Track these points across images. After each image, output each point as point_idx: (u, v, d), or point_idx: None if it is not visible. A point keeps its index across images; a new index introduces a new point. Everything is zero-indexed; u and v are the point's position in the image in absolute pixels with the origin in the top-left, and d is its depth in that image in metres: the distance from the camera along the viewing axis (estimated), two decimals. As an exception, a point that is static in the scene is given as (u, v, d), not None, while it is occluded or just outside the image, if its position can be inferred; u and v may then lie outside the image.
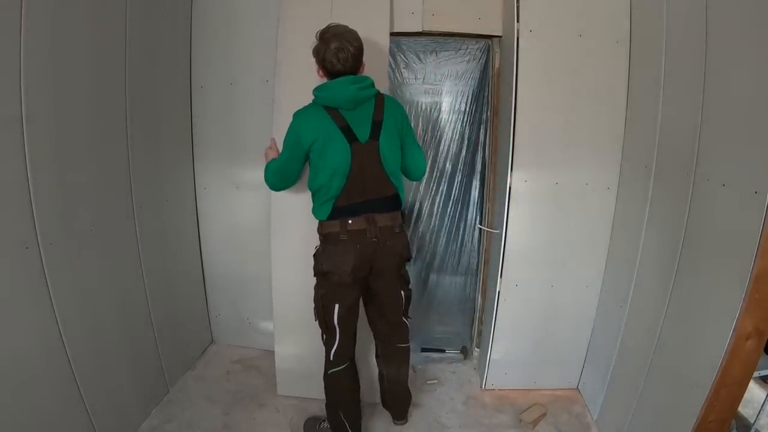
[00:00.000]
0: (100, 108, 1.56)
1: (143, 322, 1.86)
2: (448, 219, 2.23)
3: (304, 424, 1.86)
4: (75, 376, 1.44)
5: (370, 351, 1.91)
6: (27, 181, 1.25)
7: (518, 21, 1.75)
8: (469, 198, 2.21)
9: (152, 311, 1.89)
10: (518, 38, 1.76)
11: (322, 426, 1.81)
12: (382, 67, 1.83)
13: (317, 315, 1.62)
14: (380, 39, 1.80)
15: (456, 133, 2.15)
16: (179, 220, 2.14)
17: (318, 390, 1.73)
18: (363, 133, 1.46)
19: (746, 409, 1.79)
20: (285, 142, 1.52)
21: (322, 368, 1.67)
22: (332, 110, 1.45)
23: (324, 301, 1.57)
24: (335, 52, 1.42)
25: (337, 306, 1.56)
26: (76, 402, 1.47)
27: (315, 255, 1.57)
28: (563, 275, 1.97)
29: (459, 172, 2.19)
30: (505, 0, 1.90)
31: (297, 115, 1.50)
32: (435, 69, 2.10)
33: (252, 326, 2.39)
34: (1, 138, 1.18)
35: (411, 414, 1.93)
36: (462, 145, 2.16)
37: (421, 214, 2.23)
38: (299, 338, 1.94)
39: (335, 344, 1.62)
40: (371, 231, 1.50)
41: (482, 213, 2.22)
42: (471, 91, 2.12)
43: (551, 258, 1.95)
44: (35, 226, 1.28)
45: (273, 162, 1.61)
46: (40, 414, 1.33)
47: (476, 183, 2.20)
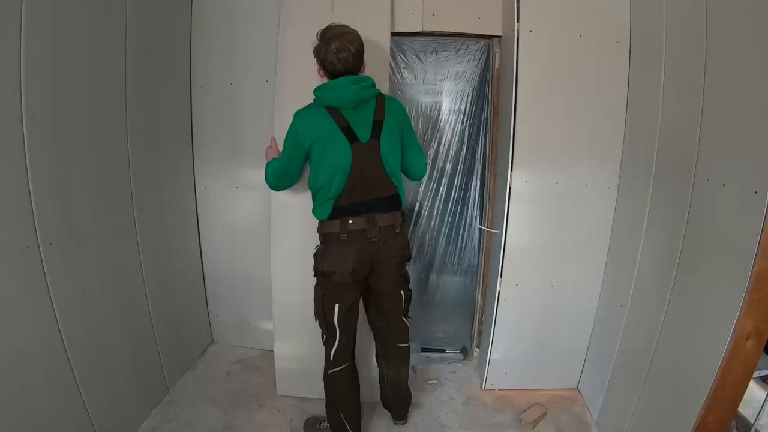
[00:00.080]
0: (100, 108, 1.56)
1: (143, 322, 1.86)
2: (448, 219, 2.23)
3: (304, 425, 1.86)
4: (75, 376, 1.44)
5: (370, 351, 1.91)
6: (27, 181, 1.25)
7: (518, 21, 1.75)
8: (469, 198, 2.21)
9: (152, 311, 1.89)
10: (518, 38, 1.76)
11: (322, 426, 1.81)
12: (383, 67, 1.82)
13: (317, 315, 1.62)
14: (381, 39, 1.80)
15: (456, 133, 2.15)
16: (179, 220, 2.14)
17: (318, 390, 1.73)
18: (364, 133, 1.46)
19: (746, 409, 1.79)
20: (285, 142, 1.52)
21: (322, 368, 1.67)
22: (333, 110, 1.45)
23: (324, 301, 1.57)
24: (336, 53, 1.42)
25: (337, 306, 1.56)
26: (76, 402, 1.46)
27: (315, 255, 1.57)
28: (563, 275, 1.97)
29: (459, 172, 2.19)
30: (505, 0, 1.90)
31: (298, 115, 1.50)
32: (435, 69, 2.10)
33: (252, 326, 2.39)
34: (1, 138, 1.18)
35: (411, 414, 1.93)
36: (462, 145, 2.16)
37: (421, 214, 2.23)
38: (299, 338, 1.94)
39: (335, 344, 1.62)
40: (371, 231, 1.50)
41: (482, 213, 2.22)
42: (471, 91, 2.12)
43: (551, 258, 1.95)
44: (35, 226, 1.28)
45: (273, 162, 1.60)
46: (40, 414, 1.33)
47: (476, 183, 2.20)
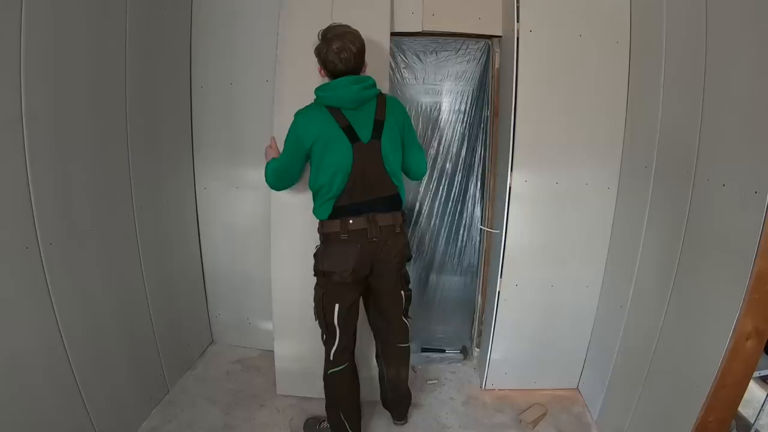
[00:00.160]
0: (100, 108, 1.56)
1: (143, 322, 1.86)
2: (448, 219, 2.23)
3: (304, 424, 1.86)
4: (75, 376, 1.44)
5: (370, 351, 1.91)
6: (27, 181, 1.25)
7: (518, 21, 1.75)
8: (469, 198, 2.21)
9: (152, 311, 1.89)
10: (518, 38, 1.76)
11: (322, 426, 1.81)
12: (383, 67, 1.82)
13: (317, 315, 1.62)
14: (381, 39, 1.80)
15: (456, 133, 2.15)
16: (179, 220, 2.14)
17: (318, 390, 1.73)
18: (365, 133, 1.46)
19: (746, 409, 1.79)
20: (286, 142, 1.52)
21: (322, 368, 1.67)
22: (334, 110, 1.45)
23: (324, 301, 1.57)
24: (337, 53, 1.42)
25: (338, 306, 1.56)
26: (76, 402, 1.46)
27: (315, 255, 1.57)
28: (563, 275, 1.97)
29: (459, 172, 2.19)
30: (505, 0, 1.90)
31: (299, 115, 1.50)
32: (435, 69, 2.10)
33: (252, 326, 2.39)
34: (1, 138, 1.18)
35: (411, 414, 1.93)
36: (462, 145, 2.16)
37: (421, 214, 2.23)
38: (299, 338, 1.94)
39: (335, 344, 1.61)
40: (372, 231, 1.50)
41: (482, 213, 2.22)
42: (471, 91, 2.12)
43: (551, 258, 1.95)
44: (35, 226, 1.28)
45: (273, 161, 1.60)
46: (40, 414, 1.33)
47: (476, 183, 2.20)
